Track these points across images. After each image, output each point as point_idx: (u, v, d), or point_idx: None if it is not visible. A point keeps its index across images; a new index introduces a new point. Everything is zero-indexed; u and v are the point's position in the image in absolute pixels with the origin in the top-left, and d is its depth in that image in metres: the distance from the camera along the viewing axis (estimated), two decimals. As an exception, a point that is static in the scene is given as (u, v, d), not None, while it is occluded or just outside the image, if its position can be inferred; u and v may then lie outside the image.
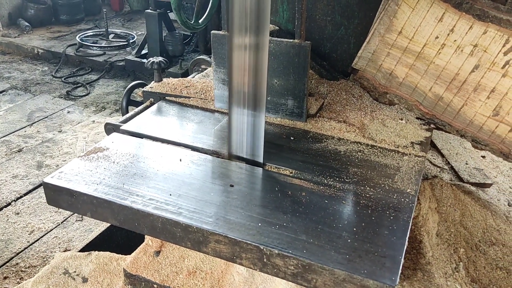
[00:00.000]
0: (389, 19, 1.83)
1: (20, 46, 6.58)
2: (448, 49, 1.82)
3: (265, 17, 1.50)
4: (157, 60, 2.29)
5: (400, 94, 1.78)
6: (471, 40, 1.77)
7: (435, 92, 1.84)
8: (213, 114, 2.10)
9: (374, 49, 1.83)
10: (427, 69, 1.83)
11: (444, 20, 1.78)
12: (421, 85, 1.82)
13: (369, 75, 1.79)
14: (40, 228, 3.02)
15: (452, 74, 1.81)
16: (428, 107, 1.89)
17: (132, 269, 1.81)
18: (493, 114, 1.72)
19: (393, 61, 1.76)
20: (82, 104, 5.07)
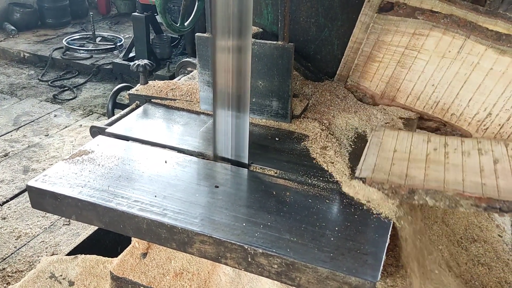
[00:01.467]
0: (378, 145, 1.76)
1: (6, 50, 6.52)
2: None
3: (247, 20, 1.52)
4: (143, 63, 2.30)
5: (433, 187, 1.46)
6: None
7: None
8: (199, 116, 2.11)
9: (374, 163, 1.64)
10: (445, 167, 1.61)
11: (432, 140, 1.82)
12: (449, 178, 1.52)
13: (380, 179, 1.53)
14: (27, 233, 3.00)
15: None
16: (475, 191, 1.46)
17: (119, 271, 1.81)
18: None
19: (403, 167, 1.60)
20: (69, 107, 5.04)
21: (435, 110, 2.11)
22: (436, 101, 2.09)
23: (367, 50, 2.18)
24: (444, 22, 2.01)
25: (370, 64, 2.20)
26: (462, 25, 1.99)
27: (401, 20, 2.06)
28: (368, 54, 2.18)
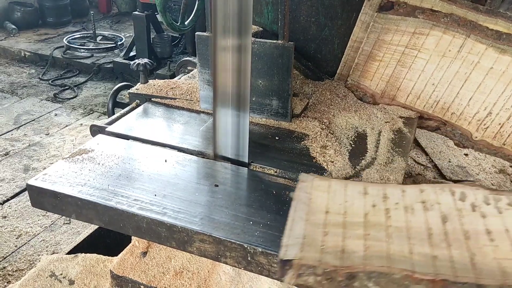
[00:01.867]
0: (307, 204, 1.43)
1: (7, 49, 6.52)
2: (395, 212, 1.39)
3: (247, 19, 1.52)
4: (143, 62, 2.30)
5: (376, 269, 1.14)
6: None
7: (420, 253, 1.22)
8: (199, 115, 2.11)
9: (303, 233, 1.30)
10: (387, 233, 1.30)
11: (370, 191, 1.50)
12: (395, 251, 1.21)
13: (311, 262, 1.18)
14: (27, 232, 3.00)
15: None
16: (427, 270, 1.15)
17: (119, 270, 1.81)
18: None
19: (338, 238, 1.27)
20: (70, 106, 5.04)
21: (435, 109, 2.11)
22: (436, 100, 2.09)
23: (368, 49, 2.17)
24: (445, 21, 2.01)
25: (370, 63, 2.19)
26: (463, 24, 1.99)
27: (402, 19, 2.06)
28: (368, 53, 2.18)
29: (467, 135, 2.08)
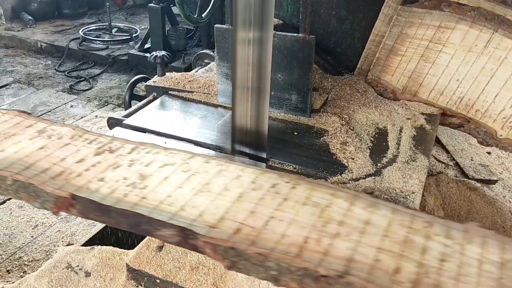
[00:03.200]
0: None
1: (23, 40, 6.56)
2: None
3: (269, 11, 1.49)
4: (160, 54, 2.28)
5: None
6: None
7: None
8: (216, 108, 2.08)
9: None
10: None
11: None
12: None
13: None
14: (43, 223, 3.02)
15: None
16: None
17: (135, 264, 1.80)
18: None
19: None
20: (85, 98, 5.06)
21: (459, 106, 2.05)
22: (460, 97, 2.03)
23: (390, 44, 2.12)
24: (471, 15, 1.94)
25: (392, 58, 2.14)
26: (490, 18, 1.92)
27: (426, 12, 2.00)
28: (390, 48, 2.12)
29: (492, 133, 2.02)
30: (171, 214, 1.22)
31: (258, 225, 1.17)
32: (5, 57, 6.22)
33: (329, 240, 1.13)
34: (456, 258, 1.08)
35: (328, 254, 1.08)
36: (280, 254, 1.08)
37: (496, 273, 1.05)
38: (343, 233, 1.15)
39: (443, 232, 1.17)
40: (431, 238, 1.14)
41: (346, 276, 1.01)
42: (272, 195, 1.30)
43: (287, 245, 1.11)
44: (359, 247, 1.11)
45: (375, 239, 1.14)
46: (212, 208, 1.24)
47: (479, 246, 1.13)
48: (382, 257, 1.08)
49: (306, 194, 1.30)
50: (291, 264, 1.05)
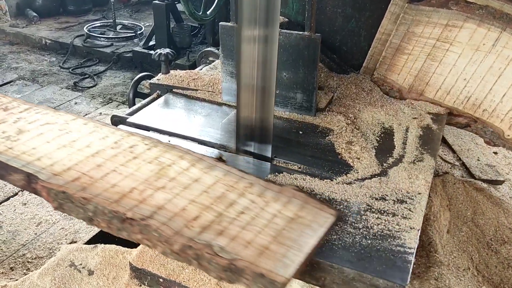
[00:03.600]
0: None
1: (28, 37, 6.57)
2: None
3: (275, 9, 1.47)
4: (165, 52, 2.26)
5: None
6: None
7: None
8: (221, 107, 2.07)
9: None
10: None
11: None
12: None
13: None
14: (47, 220, 3.02)
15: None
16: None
17: (138, 262, 1.80)
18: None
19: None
20: (89, 95, 5.06)
21: (466, 106, 2.03)
22: (467, 96, 2.01)
23: (396, 42, 2.10)
24: (479, 13, 1.92)
25: (398, 56, 2.12)
26: (498, 17, 1.90)
27: (434, 10, 1.98)
28: (396, 46, 2.10)
29: (499, 133, 2.00)
30: (26, 162, 1.36)
31: (97, 176, 1.34)
32: (9, 53, 6.23)
33: (152, 191, 1.30)
34: (254, 212, 1.27)
35: (144, 202, 1.25)
36: (101, 199, 1.24)
37: (282, 225, 1.23)
38: (168, 187, 1.32)
39: (258, 192, 1.35)
40: (244, 195, 1.32)
41: (148, 219, 1.18)
42: (126, 154, 1.46)
43: (112, 193, 1.27)
44: (175, 198, 1.28)
45: (194, 193, 1.31)
46: (65, 160, 1.39)
47: (281, 204, 1.31)
48: (190, 207, 1.25)
49: (156, 155, 1.47)
50: (106, 208, 1.21)
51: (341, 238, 1.29)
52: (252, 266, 1.08)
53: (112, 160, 1.42)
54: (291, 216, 1.27)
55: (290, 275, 1.09)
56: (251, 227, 1.21)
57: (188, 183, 1.34)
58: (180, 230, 1.17)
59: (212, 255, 1.10)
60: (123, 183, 1.32)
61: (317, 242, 1.20)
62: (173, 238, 1.14)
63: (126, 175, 1.35)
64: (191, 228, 1.18)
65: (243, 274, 1.08)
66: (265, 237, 1.18)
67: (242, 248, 1.14)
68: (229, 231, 1.19)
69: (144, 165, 1.40)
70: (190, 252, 1.13)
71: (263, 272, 1.07)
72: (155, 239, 1.16)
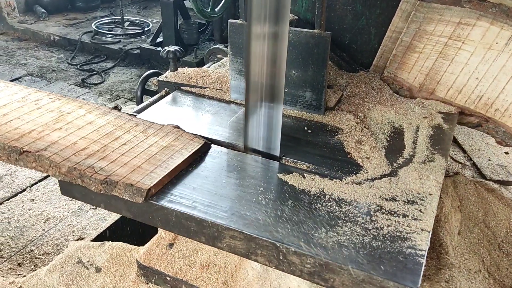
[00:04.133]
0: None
1: (37, 33, 6.59)
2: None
3: (285, 5, 1.45)
4: (173, 49, 2.25)
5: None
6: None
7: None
8: (229, 105, 2.05)
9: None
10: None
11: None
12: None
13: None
14: (55, 216, 3.03)
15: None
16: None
17: (145, 260, 1.79)
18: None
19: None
20: (97, 92, 5.07)
21: (478, 105, 2.00)
22: (479, 95, 1.98)
23: (407, 40, 2.07)
24: (492, 11, 1.88)
25: (409, 54, 2.09)
26: (512, 15, 1.87)
27: (446, 8, 1.95)
28: (407, 44, 2.07)
29: (511, 133, 1.97)
30: None
31: (2, 122, 1.59)
32: (18, 49, 6.26)
33: (49, 132, 1.56)
34: (134, 143, 1.55)
35: (40, 139, 1.51)
36: (3, 138, 1.49)
37: (155, 151, 1.53)
38: (64, 128, 1.59)
39: (142, 129, 1.64)
40: (129, 132, 1.61)
41: (41, 151, 1.45)
42: (31, 106, 1.72)
43: (13, 134, 1.53)
44: (69, 136, 1.55)
45: (85, 132, 1.58)
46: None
47: (159, 137, 1.61)
48: (80, 142, 1.53)
49: (58, 106, 1.73)
50: (6, 144, 1.46)
51: (350, 239, 1.28)
52: (124, 179, 1.38)
53: (17, 111, 1.68)
54: (165, 145, 1.57)
55: (153, 183, 1.38)
56: (129, 153, 1.50)
57: (82, 125, 1.62)
58: (68, 157, 1.44)
59: (92, 173, 1.39)
60: (24, 126, 1.58)
61: (181, 162, 1.51)
62: (61, 163, 1.41)
63: (28, 121, 1.62)
64: (78, 156, 1.46)
65: (117, 186, 1.37)
66: (139, 160, 1.48)
67: (118, 167, 1.43)
68: (110, 157, 1.47)
69: (46, 113, 1.67)
70: (75, 173, 1.40)
71: (132, 183, 1.36)
72: (47, 166, 1.43)
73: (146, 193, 1.36)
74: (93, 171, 1.40)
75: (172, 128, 1.67)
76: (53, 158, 1.42)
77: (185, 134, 1.64)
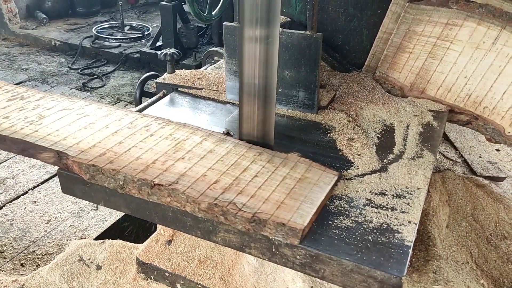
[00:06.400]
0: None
1: (38, 38, 6.67)
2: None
3: (275, 9, 1.50)
4: (170, 52, 2.31)
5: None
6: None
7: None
8: (225, 105, 2.11)
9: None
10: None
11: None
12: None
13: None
14: (56, 218, 3.08)
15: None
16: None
17: (145, 257, 1.85)
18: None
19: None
20: (98, 95, 5.14)
21: (467, 103, 2.05)
22: (468, 94, 2.03)
23: (397, 41, 2.13)
24: (479, 12, 1.94)
25: (399, 55, 2.15)
26: (498, 15, 1.92)
27: (434, 9, 2.00)
28: (398, 45, 2.13)
29: (500, 130, 2.02)
30: (53, 142, 1.56)
31: (120, 151, 1.52)
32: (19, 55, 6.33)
33: (173, 162, 1.48)
34: (266, 175, 1.44)
35: (167, 171, 1.43)
36: (129, 170, 1.42)
37: (292, 184, 1.41)
38: (186, 158, 1.50)
39: (267, 159, 1.54)
40: (255, 162, 1.51)
41: (174, 184, 1.36)
42: (142, 132, 1.65)
43: (138, 164, 1.45)
44: (194, 167, 1.46)
45: (210, 162, 1.49)
46: (89, 139, 1.59)
47: (289, 168, 1.49)
48: (209, 173, 1.43)
49: (170, 132, 1.65)
50: (135, 176, 1.39)
51: (341, 231, 1.33)
52: (272, 217, 1.26)
53: (131, 138, 1.60)
54: (299, 177, 1.44)
55: (307, 222, 1.26)
56: (265, 187, 1.38)
57: (204, 154, 1.53)
58: (204, 192, 1.34)
59: (237, 210, 1.27)
60: (145, 156, 1.50)
61: (325, 197, 1.39)
62: (200, 199, 1.31)
63: (146, 150, 1.53)
64: (213, 190, 1.35)
65: (266, 225, 1.25)
66: (279, 194, 1.36)
67: (260, 203, 1.31)
68: (247, 191, 1.36)
69: (161, 141, 1.59)
70: (216, 210, 1.30)
71: (283, 222, 1.24)
72: (183, 201, 1.34)
73: (301, 233, 1.24)
74: (237, 208, 1.29)
75: (299, 158, 1.55)
76: (189, 193, 1.33)
77: (314, 164, 1.52)
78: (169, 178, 1.39)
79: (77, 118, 1.73)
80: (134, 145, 1.56)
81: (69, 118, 1.72)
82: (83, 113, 1.76)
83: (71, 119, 1.71)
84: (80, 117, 1.73)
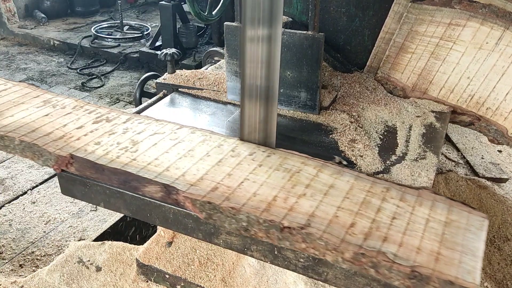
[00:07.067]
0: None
1: (37, 38, 6.65)
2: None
3: (278, 9, 1.49)
4: (170, 52, 2.30)
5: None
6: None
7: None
8: (226, 106, 2.09)
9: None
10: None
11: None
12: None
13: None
14: (56, 218, 3.06)
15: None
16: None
17: (145, 259, 1.83)
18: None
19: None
20: (97, 95, 5.11)
21: (470, 104, 2.04)
22: (471, 95, 2.02)
23: (399, 41, 2.11)
24: (482, 12, 1.93)
25: (402, 55, 2.13)
26: (501, 15, 1.91)
27: (437, 9, 1.99)
28: (400, 45, 2.12)
29: (503, 131, 2.00)
30: (157, 173, 1.37)
31: (233, 185, 1.32)
32: (18, 54, 6.31)
33: (295, 199, 1.27)
34: (405, 217, 1.22)
35: (293, 210, 1.22)
36: (251, 209, 1.22)
37: (440, 229, 1.18)
38: (308, 194, 1.29)
39: (398, 196, 1.31)
40: (387, 200, 1.28)
41: (307, 227, 1.16)
42: (249, 161, 1.45)
43: (258, 202, 1.25)
44: (321, 205, 1.25)
45: (336, 199, 1.28)
46: (193, 170, 1.39)
47: (428, 208, 1.26)
48: (341, 214, 1.22)
49: (279, 162, 1.45)
50: (260, 217, 1.19)
51: (343, 234, 1.31)
52: (436, 273, 1.04)
53: (239, 169, 1.40)
54: (444, 220, 1.22)
55: (478, 281, 1.04)
56: (410, 232, 1.17)
57: (326, 190, 1.32)
58: (343, 237, 1.13)
59: (390, 262, 1.07)
60: (262, 191, 1.30)
61: (484, 247, 1.16)
62: (342, 246, 1.11)
63: (261, 183, 1.33)
64: (353, 235, 1.14)
65: (430, 282, 1.04)
66: (431, 243, 1.14)
67: (413, 253, 1.09)
68: (392, 237, 1.14)
69: (273, 173, 1.39)
70: (364, 260, 1.10)
71: (450, 280, 1.02)
72: (322, 248, 1.14)
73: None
74: (388, 260, 1.07)
75: (435, 195, 1.32)
76: (328, 239, 1.12)
77: (454, 203, 1.29)
78: (298, 220, 1.18)
79: (173, 144, 1.53)
80: (246, 178, 1.35)
81: (164, 144, 1.53)
82: (177, 138, 1.57)
83: (166, 146, 1.52)
84: (176, 142, 1.54)
